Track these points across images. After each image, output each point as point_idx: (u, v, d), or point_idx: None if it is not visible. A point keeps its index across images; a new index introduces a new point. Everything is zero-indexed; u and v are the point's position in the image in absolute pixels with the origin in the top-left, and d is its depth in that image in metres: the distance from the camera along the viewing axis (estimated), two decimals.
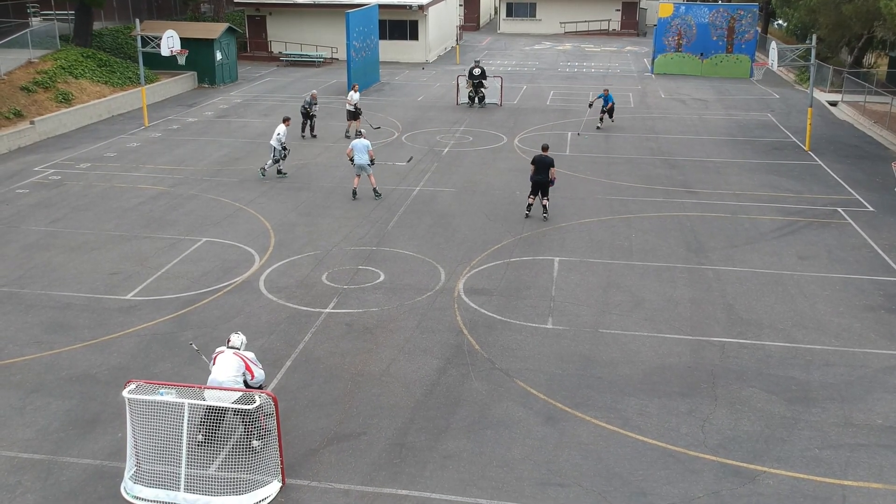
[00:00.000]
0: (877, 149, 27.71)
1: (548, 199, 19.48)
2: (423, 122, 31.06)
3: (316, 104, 27.72)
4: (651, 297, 15.31)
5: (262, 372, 10.63)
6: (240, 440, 10.45)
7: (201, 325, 14.00)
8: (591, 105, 29.92)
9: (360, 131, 24.42)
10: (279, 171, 22.70)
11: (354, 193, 20.85)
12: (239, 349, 10.45)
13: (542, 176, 19.20)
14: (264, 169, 22.66)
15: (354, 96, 27.95)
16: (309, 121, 27.58)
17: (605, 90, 29.85)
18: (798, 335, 13.84)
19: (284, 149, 22.46)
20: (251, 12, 48.30)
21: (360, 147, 20.42)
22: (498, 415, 11.40)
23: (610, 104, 29.59)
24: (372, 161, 20.68)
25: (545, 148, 19.62)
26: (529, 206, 19.64)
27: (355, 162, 20.50)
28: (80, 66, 32.59)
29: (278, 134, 22.41)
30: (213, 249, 17.50)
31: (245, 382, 10.30)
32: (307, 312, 14.53)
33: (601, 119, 29.84)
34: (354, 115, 27.96)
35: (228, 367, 10.21)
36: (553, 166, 19.17)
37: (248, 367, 10.31)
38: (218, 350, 10.50)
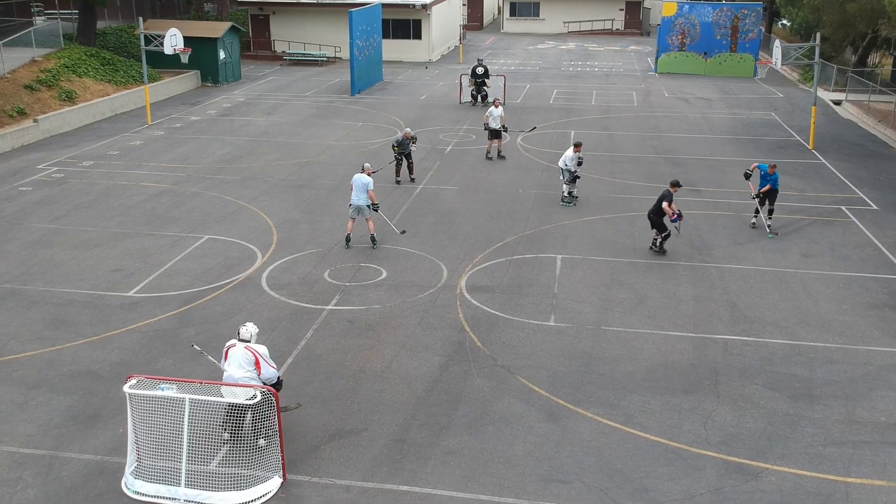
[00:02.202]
0: (881, 147, 27.62)
1: (661, 236, 17.16)
2: (427, 120, 31.03)
3: (414, 141, 22.37)
4: (654, 294, 15.27)
5: (274, 370, 10.28)
6: (240, 435, 10.41)
7: (203, 322, 13.99)
8: (748, 177, 19.49)
9: (500, 154, 23.99)
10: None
11: (348, 240, 17.42)
12: (249, 342, 10.19)
13: (654, 213, 17.03)
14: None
15: (496, 112, 24.60)
16: (406, 160, 22.32)
17: (770, 166, 18.60)
18: (801, 332, 13.79)
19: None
20: (255, 11, 48.30)
21: (360, 185, 17.06)
22: (500, 411, 11.37)
23: (768, 187, 18.53)
24: (373, 205, 17.28)
25: (674, 185, 17.19)
26: (653, 241, 17.37)
27: (352, 203, 17.25)
28: (84, 64, 32.62)
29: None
30: (216, 246, 17.49)
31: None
32: (309, 309, 14.51)
33: (756, 211, 18.97)
34: (496, 133, 24.77)
35: (240, 361, 10.08)
36: (667, 200, 16.69)
37: (257, 363, 10.08)
38: (229, 343, 10.29)
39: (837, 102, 35.28)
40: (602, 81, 41.59)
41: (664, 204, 16.66)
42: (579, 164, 20.37)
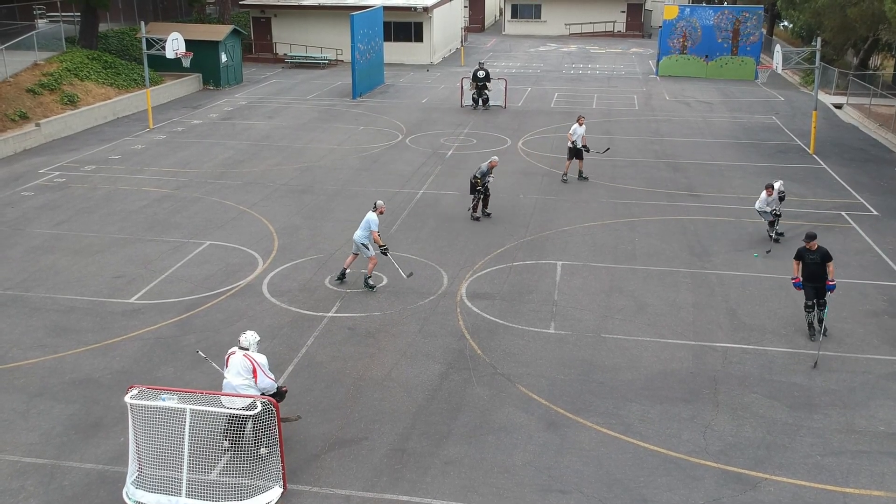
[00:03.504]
0: (882, 152, 27.64)
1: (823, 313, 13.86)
2: (428, 124, 31.08)
3: (492, 174, 20.11)
4: (654, 301, 15.30)
5: (271, 381, 10.30)
6: (242, 445, 10.46)
7: (204, 329, 14.04)
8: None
9: (582, 175, 22.76)
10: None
11: (343, 276, 16.01)
12: (248, 350, 10.26)
13: (817, 281, 13.52)
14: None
15: (579, 130, 22.73)
16: (483, 195, 19.91)
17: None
18: (800, 341, 13.82)
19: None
20: (256, 14, 48.38)
21: (364, 222, 15.60)
22: (499, 420, 11.41)
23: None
24: (382, 249, 15.57)
25: (811, 239, 13.61)
26: (810, 325, 13.88)
27: (354, 237, 15.74)
28: (86, 67, 32.69)
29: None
30: (217, 253, 17.54)
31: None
32: (310, 316, 14.56)
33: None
34: (576, 153, 22.85)
35: (238, 369, 10.14)
36: (830, 260, 13.60)
37: (254, 372, 10.14)
38: (231, 350, 10.37)
39: (839, 106, 35.29)
40: (603, 84, 41.63)
41: (829, 266, 13.54)
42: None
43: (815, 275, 13.62)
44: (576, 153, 22.86)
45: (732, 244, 18.30)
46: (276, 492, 9.75)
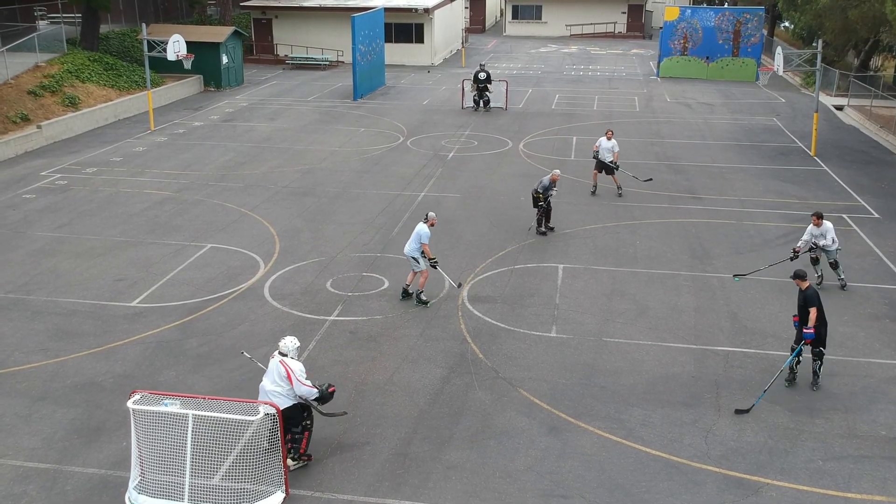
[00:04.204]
0: (882, 154, 27.64)
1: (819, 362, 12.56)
2: (429, 126, 31.09)
3: (555, 188, 18.97)
4: (655, 305, 15.31)
5: (307, 388, 10.16)
6: (243, 450, 10.47)
7: (206, 333, 14.05)
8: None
9: (619, 191, 21.42)
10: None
11: (404, 293, 15.51)
12: (286, 356, 10.28)
13: (803, 325, 12.16)
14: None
15: (605, 144, 21.75)
16: (545, 209, 18.94)
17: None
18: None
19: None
20: (257, 15, 48.41)
21: (414, 234, 15.10)
22: (501, 425, 11.42)
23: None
24: (431, 261, 14.98)
25: (799, 277, 12.50)
26: (790, 369, 12.62)
27: (405, 250, 15.36)
28: (87, 69, 32.71)
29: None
30: (218, 255, 17.55)
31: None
32: (311, 320, 14.57)
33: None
34: (603, 166, 21.84)
35: (273, 374, 10.23)
36: (813, 305, 12.11)
37: (289, 377, 10.14)
38: (272, 354, 10.47)
39: (839, 107, 35.30)
40: (604, 86, 41.64)
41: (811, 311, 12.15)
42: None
43: (801, 317, 12.26)
44: (603, 167, 21.79)
45: (734, 247, 18.30)
46: (279, 496, 9.76)
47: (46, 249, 17.84)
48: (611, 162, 21.71)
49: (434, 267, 15.11)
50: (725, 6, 47.23)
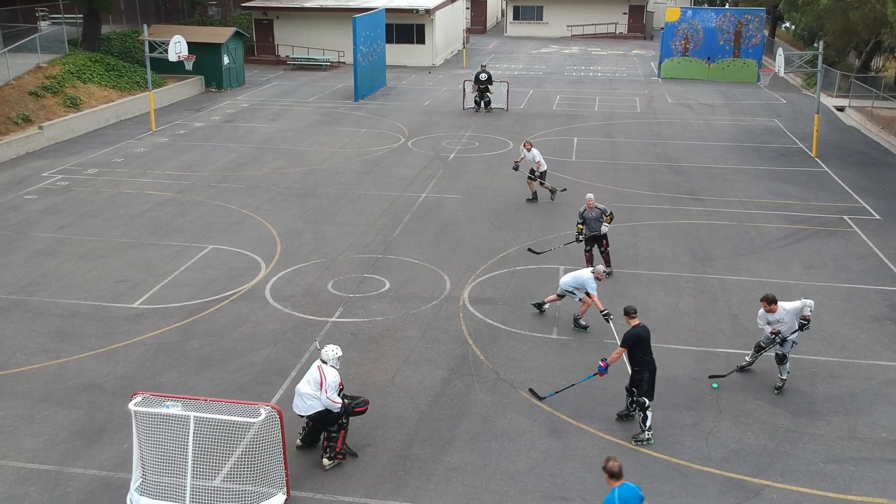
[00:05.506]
0: (884, 155, 27.64)
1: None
2: (430, 127, 31.11)
3: (608, 218, 16.50)
4: (656, 306, 15.31)
5: (331, 402, 10.20)
6: (244, 452, 10.48)
7: (207, 334, 14.06)
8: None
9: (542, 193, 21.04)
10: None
11: (540, 306, 14.92)
12: (326, 363, 10.41)
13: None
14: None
15: (527, 155, 21.48)
16: (597, 246, 16.81)
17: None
18: (803, 346, 13.77)
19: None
20: (258, 16, 48.44)
21: (575, 278, 14.12)
22: (502, 426, 11.43)
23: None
24: (604, 314, 13.75)
25: (628, 314, 11.72)
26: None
27: (560, 282, 14.40)
28: (88, 70, 32.75)
29: None
30: (220, 257, 17.57)
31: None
32: (313, 321, 14.58)
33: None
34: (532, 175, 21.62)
35: (309, 377, 10.42)
36: (625, 347, 11.39)
37: (321, 385, 10.26)
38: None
39: (841, 108, 35.30)
40: (605, 87, 41.65)
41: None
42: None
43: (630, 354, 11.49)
44: (531, 175, 21.55)
45: (734, 248, 18.30)
46: (280, 498, 9.78)
47: (48, 251, 17.86)
48: (533, 171, 21.42)
49: (606, 320, 13.74)
50: (726, 7, 47.23)
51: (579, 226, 16.53)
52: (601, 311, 13.75)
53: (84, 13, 36.20)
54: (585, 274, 14.02)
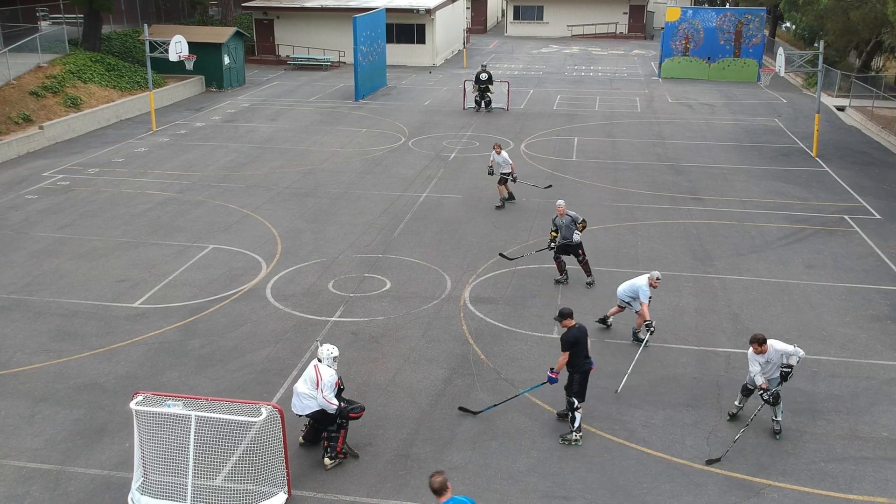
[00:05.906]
0: (884, 155, 27.64)
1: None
2: (430, 126, 31.10)
3: (579, 226, 16.12)
4: (657, 306, 15.27)
5: (327, 403, 10.18)
6: (245, 451, 10.48)
7: (208, 334, 14.07)
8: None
9: (511, 200, 20.95)
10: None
11: (605, 321, 14.60)
12: (321, 362, 10.39)
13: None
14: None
15: (497, 158, 21.03)
16: (576, 257, 16.41)
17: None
18: (804, 346, 13.67)
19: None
20: (259, 16, 48.45)
21: (630, 287, 13.74)
22: (503, 426, 11.43)
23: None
24: (647, 325, 13.10)
25: (563, 317, 11.69)
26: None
27: (618, 291, 13.97)
28: (89, 70, 32.76)
29: None
30: (221, 256, 17.57)
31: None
32: (314, 321, 14.58)
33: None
34: (502, 179, 21.18)
35: (306, 377, 10.43)
36: (566, 350, 11.21)
37: (317, 384, 10.25)
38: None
39: (841, 108, 35.29)
40: (605, 86, 41.65)
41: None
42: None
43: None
44: (501, 179, 21.07)
45: (735, 248, 18.30)
46: (281, 497, 9.78)
47: (49, 250, 17.87)
48: (507, 173, 20.92)
49: (649, 330, 13.13)
50: (727, 7, 47.25)
51: (552, 233, 16.17)
52: (645, 321, 13.09)
53: (84, 13, 36.20)
54: (640, 280, 13.49)
